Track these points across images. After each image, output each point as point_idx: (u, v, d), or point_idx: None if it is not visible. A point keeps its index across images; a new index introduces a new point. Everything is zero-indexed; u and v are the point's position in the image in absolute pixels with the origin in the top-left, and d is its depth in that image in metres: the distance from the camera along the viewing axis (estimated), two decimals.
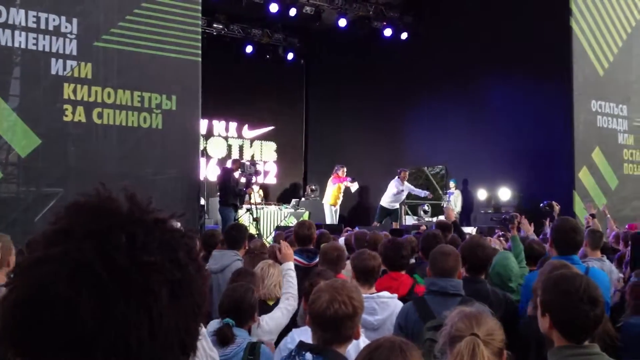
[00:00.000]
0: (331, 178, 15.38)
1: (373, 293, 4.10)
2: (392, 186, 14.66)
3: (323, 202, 15.52)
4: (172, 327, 0.84)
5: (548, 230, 6.97)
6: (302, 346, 2.66)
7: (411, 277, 4.84)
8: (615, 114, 13.66)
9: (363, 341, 2.82)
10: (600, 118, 13.35)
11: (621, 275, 5.90)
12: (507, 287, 4.82)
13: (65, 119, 8.73)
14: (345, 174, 15.32)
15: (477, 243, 4.42)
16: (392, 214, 14.84)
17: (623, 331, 4.03)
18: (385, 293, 4.09)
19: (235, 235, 5.61)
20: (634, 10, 14.30)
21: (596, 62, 13.36)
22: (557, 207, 8.30)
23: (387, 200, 14.77)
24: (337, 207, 15.36)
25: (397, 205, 14.90)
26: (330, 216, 15.06)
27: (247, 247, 5.71)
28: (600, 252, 6.23)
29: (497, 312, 3.72)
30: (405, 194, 14.84)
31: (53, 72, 8.66)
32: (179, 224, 0.93)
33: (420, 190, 14.99)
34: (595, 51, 13.34)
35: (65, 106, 8.73)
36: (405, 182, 14.78)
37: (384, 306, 4.01)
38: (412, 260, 5.64)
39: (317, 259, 5.02)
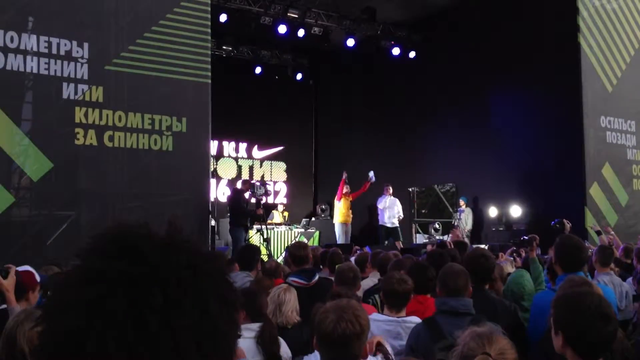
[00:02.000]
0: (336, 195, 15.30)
1: (400, 317, 4.06)
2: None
3: (334, 221, 15.46)
4: None
5: None
6: None
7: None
8: (624, 130, 13.67)
9: None
10: (609, 134, 13.36)
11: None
12: (519, 305, 4.81)
13: (77, 142, 8.81)
14: (345, 181, 15.08)
15: (480, 253, 4.44)
16: (392, 233, 14.74)
17: (637, 348, 4.01)
18: (412, 318, 4.04)
19: (248, 256, 5.62)
20: None
21: (604, 79, 13.39)
22: (567, 225, 8.25)
23: (382, 219, 14.73)
24: (349, 225, 15.24)
25: (396, 223, 14.79)
26: (340, 235, 14.97)
27: (259, 268, 5.71)
28: (609, 268, 6.22)
29: (503, 321, 3.73)
30: (395, 208, 14.75)
31: (65, 96, 8.76)
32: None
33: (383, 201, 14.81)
34: (603, 67, 13.37)
35: (76, 130, 8.82)
36: (389, 196, 14.68)
37: (409, 331, 3.98)
38: None
39: (317, 278, 5.02)
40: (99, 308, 0.78)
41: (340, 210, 15.07)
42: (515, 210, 14.07)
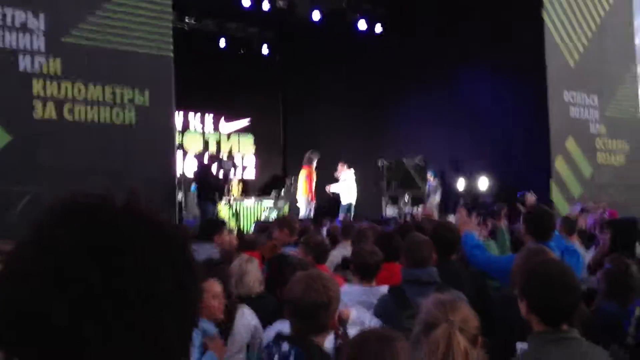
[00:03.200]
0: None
1: (372, 287, 4.15)
2: None
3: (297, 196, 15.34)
4: (174, 341, 0.82)
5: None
6: (279, 337, 2.67)
7: None
8: (587, 104, 13.90)
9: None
10: (572, 108, 13.56)
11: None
12: (485, 273, 4.85)
13: (35, 116, 8.57)
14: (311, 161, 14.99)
15: (444, 226, 4.50)
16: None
17: (596, 316, 4.06)
18: (383, 287, 4.10)
19: (210, 228, 5.57)
20: (603, 2, 14.49)
21: (567, 54, 13.57)
22: (531, 198, 8.37)
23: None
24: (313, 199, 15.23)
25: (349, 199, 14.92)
26: (304, 210, 14.92)
27: (224, 240, 5.67)
28: (575, 238, 6.32)
29: (469, 290, 3.77)
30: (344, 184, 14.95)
31: (21, 68, 8.49)
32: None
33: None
34: (566, 42, 13.53)
35: (34, 102, 8.57)
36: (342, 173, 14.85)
37: None
38: None
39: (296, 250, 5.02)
40: (64, 278, 0.75)
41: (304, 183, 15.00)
42: (483, 183, 14.23)
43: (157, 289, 0.79)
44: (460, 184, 14.79)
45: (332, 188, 15.07)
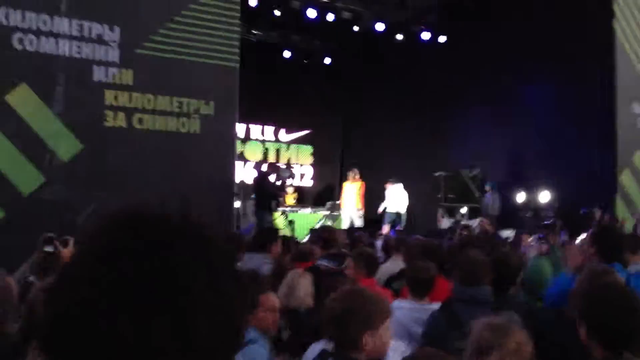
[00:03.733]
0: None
1: (425, 304, 4.06)
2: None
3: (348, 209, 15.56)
4: (215, 353, 0.85)
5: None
6: (324, 353, 2.64)
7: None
8: None
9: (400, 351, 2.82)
10: None
11: None
12: (538, 293, 4.77)
13: (106, 124, 8.94)
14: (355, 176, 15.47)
15: (501, 260, 4.26)
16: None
17: None
18: (438, 304, 4.02)
19: (264, 239, 5.64)
20: None
21: (637, 64, 13.14)
22: (597, 214, 8.14)
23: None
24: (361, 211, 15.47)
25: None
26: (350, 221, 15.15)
27: (278, 251, 5.75)
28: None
29: (520, 311, 3.68)
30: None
31: (95, 79, 8.88)
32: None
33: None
34: (637, 53, 13.12)
35: (106, 112, 8.94)
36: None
37: None
38: None
39: (346, 263, 5.04)
40: (113, 285, 0.80)
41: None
42: (544, 196, 13.93)
43: (200, 305, 0.82)
44: (521, 197, 14.51)
45: (380, 208, 15.34)
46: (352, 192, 15.54)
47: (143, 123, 9.27)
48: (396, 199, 15.09)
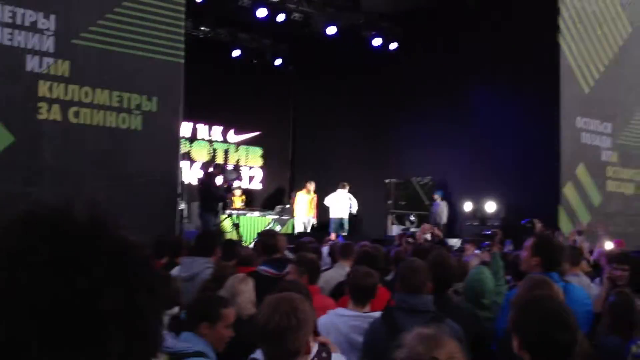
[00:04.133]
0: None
1: (367, 312, 3.95)
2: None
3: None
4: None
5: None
6: None
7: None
8: (599, 131, 13.76)
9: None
10: (584, 135, 13.42)
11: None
12: (479, 303, 4.70)
13: (39, 117, 8.52)
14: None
15: (440, 260, 4.29)
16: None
17: (598, 350, 3.93)
18: (378, 313, 3.89)
19: (206, 242, 5.43)
20: (621, 29, 14.41)
21: (582, 80, 13.46)
22: (538, 225, 8.20)
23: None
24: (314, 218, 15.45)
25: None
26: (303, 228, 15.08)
27: (219, 255, 5.54)
28: (579, 268, 6.16)
29: (466, 329, 3.60)
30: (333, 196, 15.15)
31: (28, 69, 8.45)
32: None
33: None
34: (581, 69, 13.43)
35: (40, 104, 8.52)
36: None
37: None
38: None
39: (288, 269, 4.86)
40: (13, 292, 0.74)
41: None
42: (490, 206, 14.09)
43: (106, 306, 0.76)
44: (468, 206, 14.63)
45: (325, 200, 15.17)
46: (304, 202, 15.39)
47: (80, 117, 8.87)
48: (340, 204, 14.98)
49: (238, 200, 16.64)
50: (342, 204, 15.00)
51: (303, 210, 15.34)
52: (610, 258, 5.80)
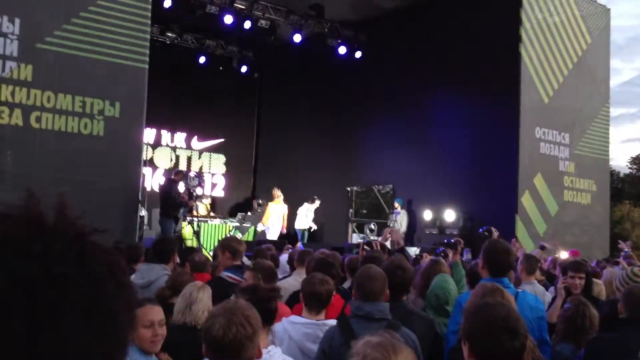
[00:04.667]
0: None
1: (320, 320, 3.90)
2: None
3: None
4: (88, 352, 0.76)
5: None
6: None
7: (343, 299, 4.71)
8: (557, 141, 14.00)
9: None
10: (543, 145, 13.65)
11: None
12: (443, 310, 4.78)
13: (0, 121, 8.42)
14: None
15: (396, 265, 4.31)
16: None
17: (552, 357, 4.03)
18: (332, 321, 3.87)
19: (163, 248, 5.40)
20: (580, 40, 14.72)
21: (542, 90, 13.68)
22: (495, 233, 8.36)
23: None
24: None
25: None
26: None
27: (176, 261, 5.53)
28: (534, 277, 6.31)
29: (422, 335, 3.67)
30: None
31: None
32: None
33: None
34: (541, 79, 13.66)
35: (1, 108, 8.43)
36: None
37: None
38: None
39: (245, 275, 4.87)
40: None
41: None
42: (449, 215, 14.21)
43: (70, 302, 0.75)
44: (427, 215, 14.76)
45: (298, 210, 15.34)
46: (278, 213, 15.43)
47: (42, 122, 8.79)
48: (304, 214, 15.19)
49: (203, 208, 16.55)
50: (308, 216, 15.25)
51: (277, 221, 15.41)
52: (565, 267, 5.97)
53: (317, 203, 15.46)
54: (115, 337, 0.80)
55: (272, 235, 15.17)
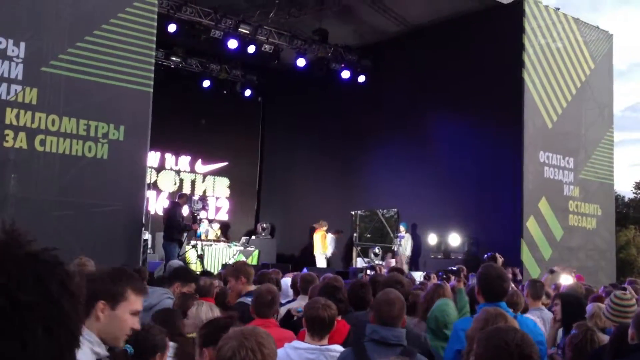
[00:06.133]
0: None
1: (323, 345, 3.85)
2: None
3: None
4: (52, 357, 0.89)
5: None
6: None
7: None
8: (561, 166, 13.98)
9: None
10: (547, 169, 13.63)
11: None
12: (441, 333, 4.74)
13: (5, 144, 8.43)
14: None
15: (394, 280, 4.30)
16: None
17: None
18: (335, 346, 3.85)
19: (173, 275, 5.37)
20: (583, 65, 14.76)
21: (545, 115, 13.69)
22: (500, 260, 8.30)
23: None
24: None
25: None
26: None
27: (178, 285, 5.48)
28: (540, 302, 6.25)
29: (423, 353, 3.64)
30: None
31: None
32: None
33: None
34: (545, 104, 13.68)
35: (6, 131, 8.44)
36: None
37: None
38: None
39: None
40: None
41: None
42: (454, 239, 14.15)
43: (20, 297, 0.86)
44: (432, 239, 14.69)
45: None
46: (317, 239, 15.66)
47: (46, 145, 8.80)
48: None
49: (213, 233, 16.54)
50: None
51: (318, 247, 15.71)
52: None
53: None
54: (70, 341, 0.94)
55: (323, 262, 15.44)
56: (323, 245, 15.61)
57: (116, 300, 2.47)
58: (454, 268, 6.44)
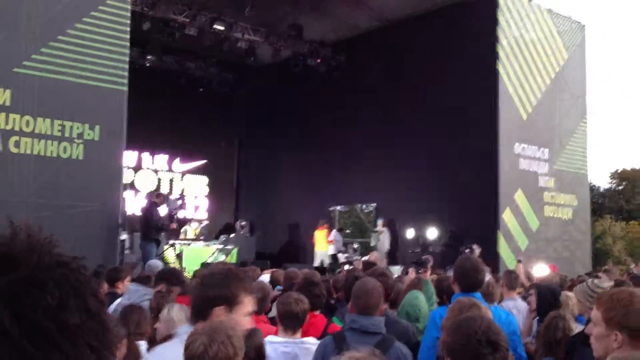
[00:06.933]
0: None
1: (297, 338, 3.91)
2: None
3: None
4: None
5: None
6: None
7: (326, 318, 4.71)
8: (536, 157, 14.10)
9: None
10: (522, 161, 13.75)
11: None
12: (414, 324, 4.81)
13: None
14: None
15: (378, 272, 4.38)
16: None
17: None
18: (310, 339, 3.92)
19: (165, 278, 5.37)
20: (557, 56, 14.91)
21: (520, 106, 13.80)
22: (477, 250, 8.42)
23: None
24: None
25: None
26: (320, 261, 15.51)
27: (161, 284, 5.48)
28: (515, 292, 6.35)
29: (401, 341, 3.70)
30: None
31: None
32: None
33: None
34: (519, 95, 13.79)
35: None
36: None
37: (307, 352, 3.83)
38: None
39: None
40: None
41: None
42: (432, 233, 14.24)
43: (67, 319, 0.79)
44: (410, 233, 14.77)
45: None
46: (320, 238, 15.76)
47: (20, 146, 8.72)
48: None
49: (192, 232, 16.47)
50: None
51: (320, 246, 15.79)
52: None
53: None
54: (111, 354, 0.86)
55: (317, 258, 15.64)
56: (324, 244, 15.75)
57: (232, 304, 2.53)
58: (421, 259, 6.54)
